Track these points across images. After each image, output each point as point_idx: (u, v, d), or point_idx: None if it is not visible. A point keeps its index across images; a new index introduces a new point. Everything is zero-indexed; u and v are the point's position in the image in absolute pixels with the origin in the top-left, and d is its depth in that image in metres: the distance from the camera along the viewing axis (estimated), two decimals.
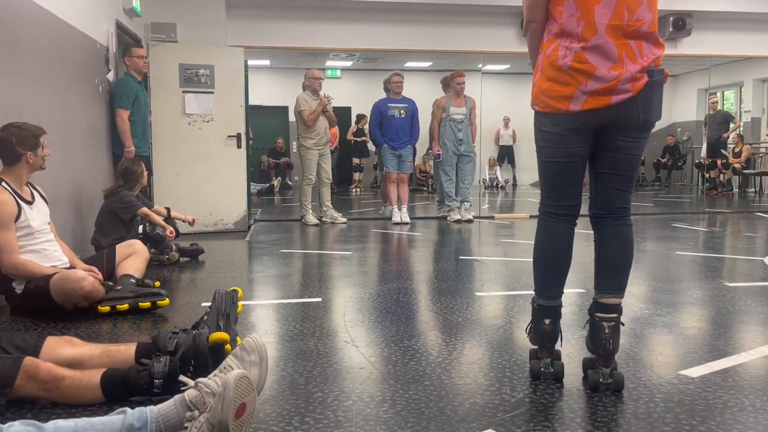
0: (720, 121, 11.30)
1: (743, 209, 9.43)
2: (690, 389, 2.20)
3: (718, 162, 11.39)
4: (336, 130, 13.16)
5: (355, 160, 13.81)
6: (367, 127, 13.21)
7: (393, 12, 8.10)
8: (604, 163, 2.23)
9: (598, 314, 2.20)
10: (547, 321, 2.28)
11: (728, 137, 11.57)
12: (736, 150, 11.49)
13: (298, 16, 7.89)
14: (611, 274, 2.26)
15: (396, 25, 8.18)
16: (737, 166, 11.41)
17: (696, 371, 2.37)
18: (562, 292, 2.32)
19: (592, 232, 2.33)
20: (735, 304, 3.43)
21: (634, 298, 3.56)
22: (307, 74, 7.29)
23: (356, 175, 13.87)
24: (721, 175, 11.61)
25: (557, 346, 2.33)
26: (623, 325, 2.25)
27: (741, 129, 12.44)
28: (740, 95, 12.99)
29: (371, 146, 12.07)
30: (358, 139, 13.56)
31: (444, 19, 8.22)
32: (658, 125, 2.57)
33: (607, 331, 2.16)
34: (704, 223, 7.44)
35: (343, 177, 13.65)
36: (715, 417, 1.98)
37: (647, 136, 2.20)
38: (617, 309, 2.21)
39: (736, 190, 11.98)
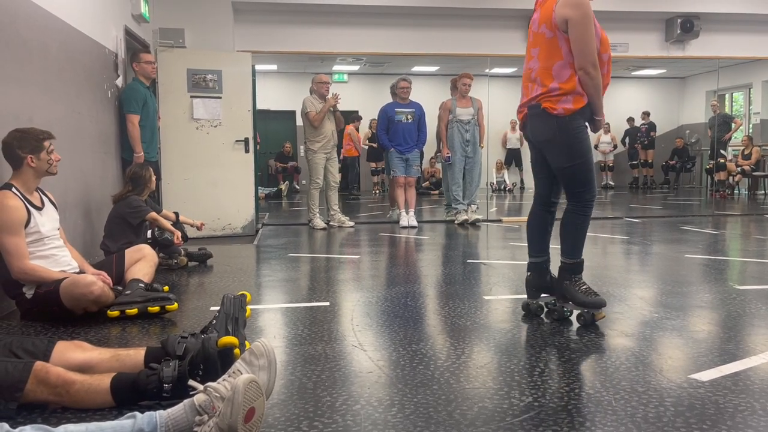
0: (720, 122, 11.25)
1: (753, 211, 9.37)
2: (700, 393, 2.19)
3: (727, 163, 11.33)
4: (357, 134, 13.22)
5: (372, 165, 13.83)
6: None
7: (400, 16, 8.12)
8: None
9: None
10: (528, 273, 3.31)
11: (729, 138, 11.51)
12: (746, 152, 11.43)
13: (306, 21, 7.91)
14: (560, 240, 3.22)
15: (403, 30, 8.19)
16: (747, 168, 11.34)
17: (706, 375, 2.35)
18: (540, 253, 3.29)
19: (611, 236, 2.86)
20: (745, 307, 3.41)
21: (643, 302, 3.54)
22: (315, 79, 7.31)
23: (374, 179, 13.88)
24: (731, 178, 11.54)
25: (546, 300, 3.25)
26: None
27: (750, 130, 12.36)
28: (749, 97, 12.92)
29: None
30: (374, 144, 13.60)
31: (451, 22, 8.23)
32: (666, 128, 2.92)
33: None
34: (713, 226, 7.40)
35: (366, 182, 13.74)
36: (726, 421, 1.96)
37: (552, 150, 3.06)
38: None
39: (744, 192, 11.91)
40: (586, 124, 3.06)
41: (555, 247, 3.29)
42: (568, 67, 2.92)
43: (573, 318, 3.24)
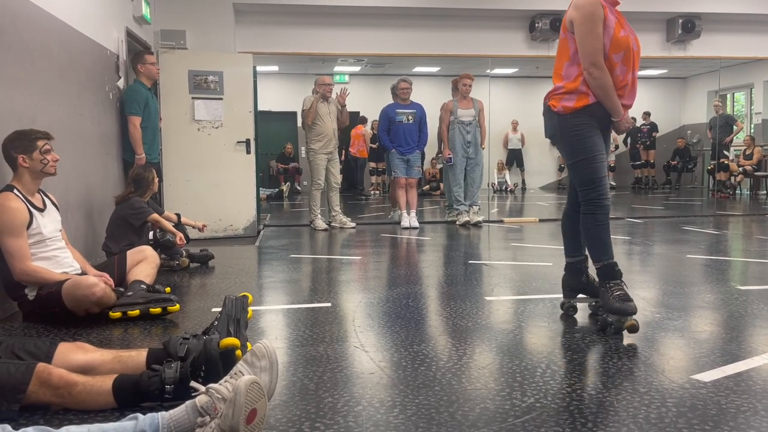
0: (722, 123, 11.23)
1: (755, 212, 9.35)
2: (702, 394, 2.19)
3: (729, 163, 11.31)
4: (365, 135, 13.26)
5: (372, 165, 13.85)
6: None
7: (401, 17, 8.12)
8: None
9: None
10: (564, 273, 3.31)
11: (731, 140, 11.49)
12: (748, 152, 11.41)
13: (306, 22, 7.92)
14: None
15: (404, 30, 8.20)
16: (749, 168, 11.32)
17: (708, 375, 2.35)
18: (573, 252, 3.25)
19: (613, 236, 3.05)
20: (747, 307, 3.41)
21: (645, 302, 3.54)
22: (317, 81, 7.32)
23: (373, 179, 13.90)
24: (732, 178, 11.52)
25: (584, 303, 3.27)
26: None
27: (752, 130, 12.35)
28: (750, 97, 12.91)
29: None
30: (373, 145, 13.63)
31: (452, 23, 8.23)
32: (668, 128, 2.95)
33: None
34: (715, 226, 7.39)
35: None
36: (728, 422, 1.96)
37: (558, 146, 3.15)
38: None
39: (746, 192, 11.89)
40: (591, 121, 2.98)
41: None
42: (575, 66, 2.95)
43: (575, 317, 3.25)
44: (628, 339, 2.85)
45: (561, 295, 3.35)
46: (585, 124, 2.97)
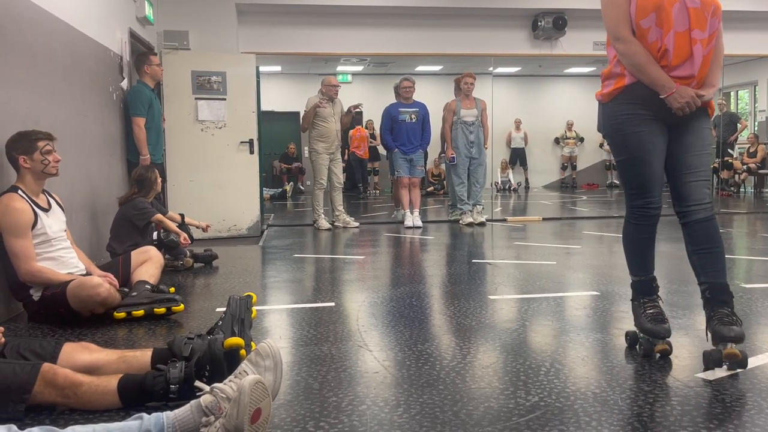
0: (726, 122, 11.20)
1: (759, 209, 9.33)
2: (707, 392, 2.18)
3: (733, 161, 11.28)
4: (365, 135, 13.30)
5: (368, 165, 13.87)
6: (374, 131, 13.33)
7: (403, 16, 8.12)
8: None
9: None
10: None
11: (735, 138, 11.45)
12: (752, 150, 11.38)
13: (309, 22, 7.92)
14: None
15: (406, 30, 8.19)
16: (753, 166, 11.29)
17: (713, 374, 2.35)
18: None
19: (617, 234, 2.81)
20: (751, 305, 3.40)
21: None
22: (323, 81, 7.34)
23: (370, 178, 13.94)
24: (736, 176, 11.49)
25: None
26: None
27: (756, 128, 12.31)
28: (754, 95, 12.87)
29: (380, 149, 12.11)
30: (371, 143, 13.66)
31: (454, 22, 8.22)
32: None
33: None
34: (719, 224, 7.36)
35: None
36: (733, 420, 1.96)
37: (608, 145, 2.72)
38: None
39: (750, 190, 11.86)
40: (636, 109, 2.49)
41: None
42: (611, 48, 2.58)
43: (577, 316, 3.24)
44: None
45: (566, 294, 3.34)
46: (628, 114, 2.50)
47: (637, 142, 2.49)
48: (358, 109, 7.38)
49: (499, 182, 14.35)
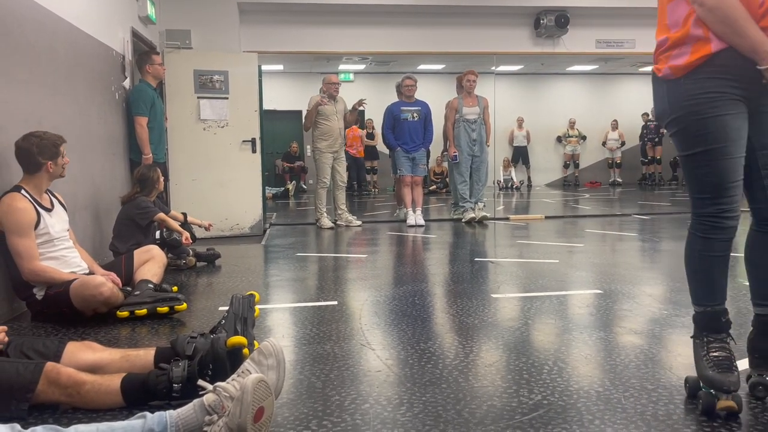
0: None
1: None
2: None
3: None
4: (361, 136, 13.32)
5: (367, 163, 13.87)
6: (373, 130, 13.34)
7: (405, 15, 8.11)
8: None
9: None
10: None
11: None
12: None
13: (311, 21, 7.92)
14: None
15: (408, 28, 8.19)
16: None
17: None
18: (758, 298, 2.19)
19: (620, 233, 2.51)
20: None
21: (651, 299, 3.53)
22: (324, 79, 7.35)
23: (368, 177, 13.94)
24: None
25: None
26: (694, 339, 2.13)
27: None
28: None
29: (380, 148, 12.11)
30: (367, 143, 13.67)
31: (456, 20, 8.22)
32: None
33: None
34: None
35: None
36: (736, 418, 1.95)
37: (672, 135, 2.05)
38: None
39: None
40: (722, 86, 1.91)
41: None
42: (682, 3, 1.94)
43: (580, 314, 3.23)
44: (634, 336, 2.84)
45: (569, 293, 3.33)
46: (712, 92, 1.91)
47: (721, 129, 1.91)
48: (362, 107, 7.36)
49: (502, 180, 14.34)
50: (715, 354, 2.00)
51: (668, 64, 1.97)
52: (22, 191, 3.19)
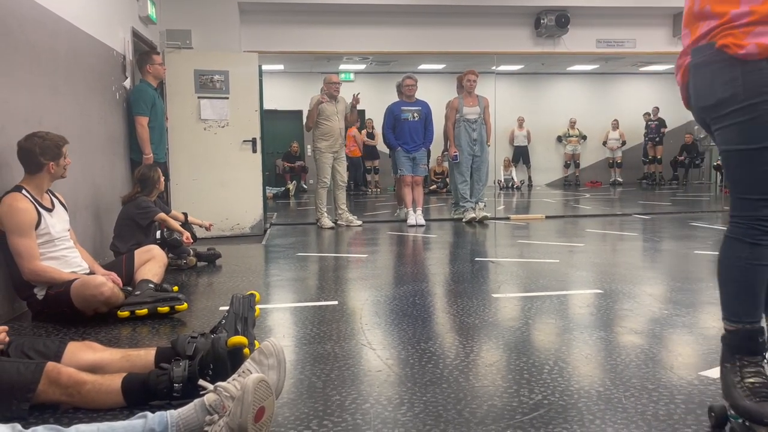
0: None
1: None
2: (711, 390, 2.18)
3: None
4: (360, 136, 13.32)
5: (367, 163, 13.88)
6: (373, 129, 13.33)
7: (406, 14, 8.11)
8: None
9: None
10: None
11: None
12: None
13: (311, 21, 7.93)
14: None
15: (409, 28, 8.19)
16: None
17: (717, 372, 2.33)
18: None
19: (620, 232, 2.40)
20: None
21: (652, 299, 3.53)
22: (325, 79, 7.35)
23: (368, 177, 13.95)
24: None
25: None
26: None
27: None
28: None
29: (380, 148, 12.12)
30: (368, 142, 13.68)
31: (457, 20, 8.22)
32: (675, 123, 2.34)
33: None
34: (723, 222, 7.35)
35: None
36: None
37: (724, 121, 1.75)
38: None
39: None
40: None
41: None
42: None
43: (581, 314, 3.23)
44: (634, 336, 2.84)
45: (570, 292, 3.33)
46: None
47: None
48: (358, 102, 7.32)
49: (502, 180, 14.34)
50: (751, 380, 1.74)
51: (754, 41, 1.64)
52: (23, 191, 3.19)
